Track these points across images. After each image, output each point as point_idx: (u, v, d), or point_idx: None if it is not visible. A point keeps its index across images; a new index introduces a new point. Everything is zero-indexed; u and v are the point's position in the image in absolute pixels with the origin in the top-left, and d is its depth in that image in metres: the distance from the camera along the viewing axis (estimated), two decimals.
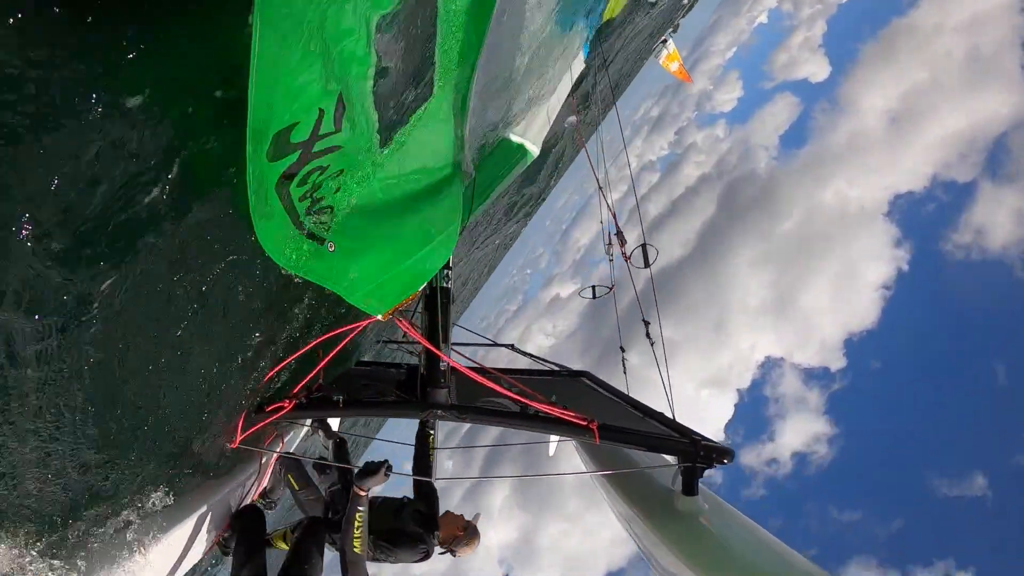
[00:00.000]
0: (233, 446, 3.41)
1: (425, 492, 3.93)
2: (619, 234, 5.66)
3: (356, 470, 3.42)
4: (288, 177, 1.97)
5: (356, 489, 3.31)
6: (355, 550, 3.26)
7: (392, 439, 4.53)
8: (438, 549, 3.75)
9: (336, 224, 2.45)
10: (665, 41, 17.26)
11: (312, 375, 3.64)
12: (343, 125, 2.04)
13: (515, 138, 5.45)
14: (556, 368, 5.36)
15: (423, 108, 2.76)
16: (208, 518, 3.50)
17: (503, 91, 3.73)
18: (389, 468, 3.40)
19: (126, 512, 2.85)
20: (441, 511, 3.88)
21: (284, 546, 3.78)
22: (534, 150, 5.87)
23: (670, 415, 3.95)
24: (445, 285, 3.66)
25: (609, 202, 6.51)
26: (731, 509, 3.41)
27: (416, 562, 3.73)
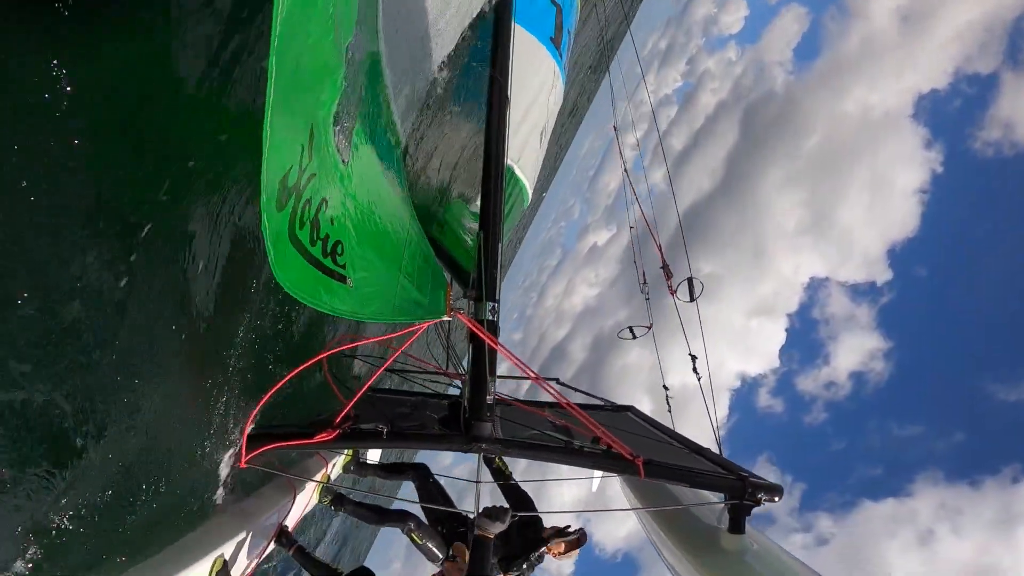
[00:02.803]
0: (242, 465, 3.44)
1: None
2: (665, 267, 5.60)
3: (477, 515, 3.40)
4: (294, 227, 1.99)
5: (483, 534, 3.25)
6: None
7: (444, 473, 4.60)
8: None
9: (348, 259, 2.46)
10: None
11: (358, 396, 3.69)
12: (313, 154, 2.06)
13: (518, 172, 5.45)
14: (601, 402, 5.32)
15: (359, 109, 2.82)
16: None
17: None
18: (514, 514, 3.38)
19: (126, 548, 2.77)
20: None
21: None
22: (528, 191, 5.90)
23: (717, 451, 3.88)
24: (491, 318, 3.67)
25: (656, 236, 6.47)
26: (779, 549, 3.31)
27: None
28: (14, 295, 1.82)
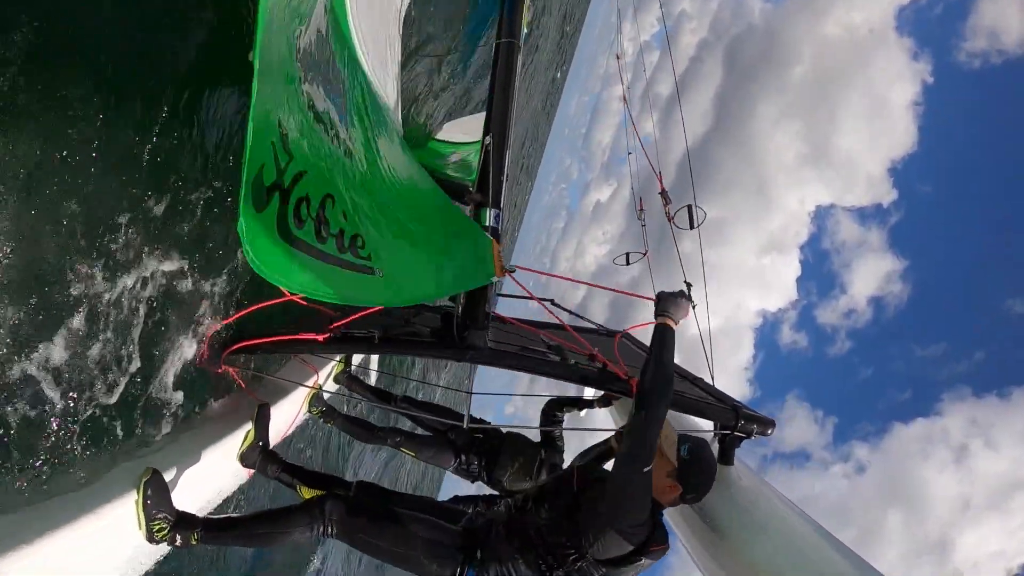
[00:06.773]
0: (219, 371, 3.44)
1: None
2: (663, 194, 5.38)
3: (655, 300, 2.84)
4: (285, 225, 1.96)
5: (668, 322, 2.76)
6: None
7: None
8: None
9: (372, 250, 2.48)
10: None
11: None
12: (291, 150, 2.00)
13: None
14: (595, 326, 5.27)
15: (351, 103, 2.82)
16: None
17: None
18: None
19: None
20: None
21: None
22: None
23: (710, 381, 3.83)
24: (494, 225, 3.53)
25: (653, 161, 6.21)
26: (767, 485, 3.29)
27: None
28: None
